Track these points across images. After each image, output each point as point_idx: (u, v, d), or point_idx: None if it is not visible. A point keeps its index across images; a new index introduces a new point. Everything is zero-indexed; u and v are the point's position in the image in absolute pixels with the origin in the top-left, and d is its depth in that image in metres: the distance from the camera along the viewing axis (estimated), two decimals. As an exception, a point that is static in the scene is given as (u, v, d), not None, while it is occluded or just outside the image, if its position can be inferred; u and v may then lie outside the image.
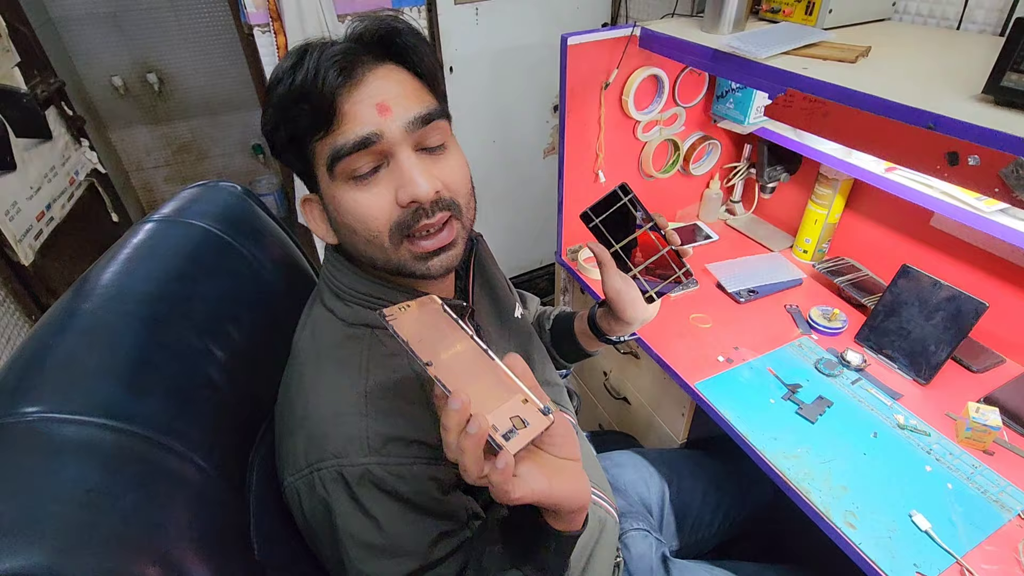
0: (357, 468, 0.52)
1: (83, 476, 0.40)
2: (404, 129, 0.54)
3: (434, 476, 0.55)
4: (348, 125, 0.52)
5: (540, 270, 2.42)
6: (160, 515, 0.42)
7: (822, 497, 0.88)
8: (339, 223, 0.58)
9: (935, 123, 0.69)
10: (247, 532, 0.52)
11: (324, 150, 0.54)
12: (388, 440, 0.53)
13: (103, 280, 0.54)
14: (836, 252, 1.41)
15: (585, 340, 0.88)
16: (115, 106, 2.45)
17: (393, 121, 0.53)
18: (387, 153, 0.54)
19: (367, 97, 0.53)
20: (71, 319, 0.50)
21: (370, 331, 0.60)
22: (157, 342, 0.52)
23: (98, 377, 0.46)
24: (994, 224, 0.94)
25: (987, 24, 1.00)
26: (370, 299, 0.61)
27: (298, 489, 0.54)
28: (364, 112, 0.53)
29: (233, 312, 0.63)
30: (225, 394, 0.56)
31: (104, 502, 0.39)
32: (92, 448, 0.42)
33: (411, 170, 0.54)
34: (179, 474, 0.46)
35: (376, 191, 0.55)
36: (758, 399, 1.05)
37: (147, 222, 0.64)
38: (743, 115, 1.34)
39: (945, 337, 1.05)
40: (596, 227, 0.70)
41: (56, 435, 0.41)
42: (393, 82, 0.55)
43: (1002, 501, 0.86)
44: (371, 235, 0.56)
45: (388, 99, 0.53)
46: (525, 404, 0.44)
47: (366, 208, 0.55)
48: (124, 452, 0.43)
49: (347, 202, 0.55)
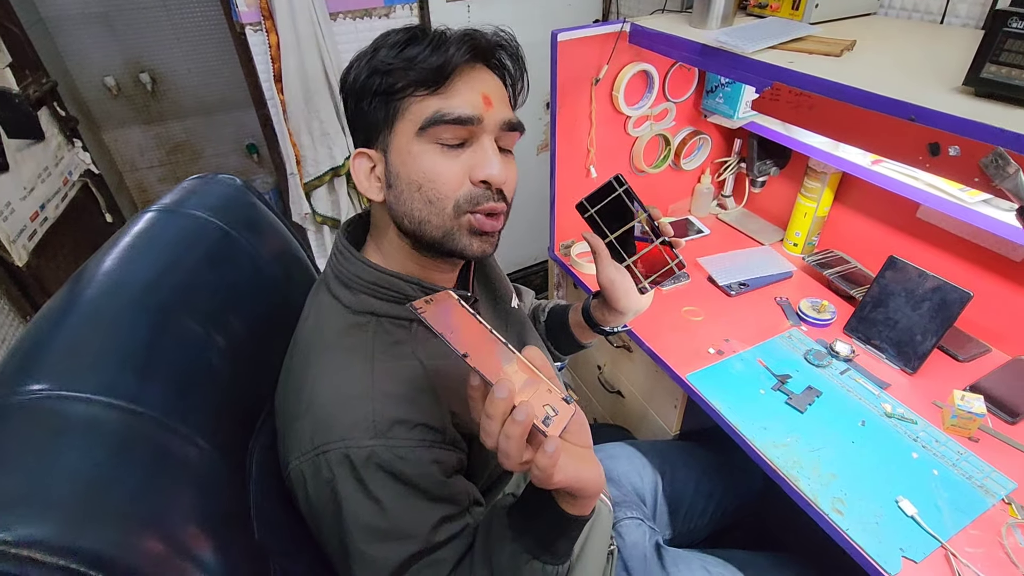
0: (363, 450, 0.53)
1: (91, 453, 0.41)
2: (497, 124, 0.60)
3: (437, 459, 0.57)
4: (456, 98, 0.58)
5: (534, 267, 2.43)
6: (165, 494, 0.43)
7: (811, 485, 0.89)
8: (404, 178, 0.59)
9: (916, 115, 0.70)
10: (247, 515, 0.53)
11: (422, 109, 0.58)
12: (393, 423, 0.55)
13: (104, 269, 0.55)
14: (825, 245, 1.43)
15: (579, 331, 0.90)
16: (108, 106, 2.44)
17: (491, 115, 0.60)
18: (475, 136, 0.60)
19: (477, 83, 0.60)
20: (73, 307, 0.51)
21: (375, 319, 0.62)
22: (159, 328, 0.53)
23: (103, 359, 0.47)
24: (978, 215, 0.96)
25: (970, 18, 1.01)
26: (376, 288, 0.62)
27: (303, 471, 0.55)
28: (471, 93, 0.59)
29: (234, 301, 0.64)
30: (227, 381, 0.57)
31: (111, 479, 0.40)
32: (99, 426, 0.43)
33: (493, 154, 0.60)
34: (183, 455, 0.47)
35: (456, 161, 0.59)
36: (749, 390, 1.07)
37: (147, 212, 0.64)
38: (733, 110, 1.36)
39: (931, 327, 1.06)
40: (591, 217, 0.71)
41: (64, 412, 0.42)
42: (495, 84, 0.63)
43: (986, 486, 0.88)
44: (436, 196, 0.59)
45: (491, 94, 0.60)
46: (550, 394, 0.46)
47: (444, 171, 0.58)
48: (130, 432, 0.44)
49: (426, 161, 0.58)
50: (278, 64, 1.50)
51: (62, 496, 0.38)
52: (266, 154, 2.71)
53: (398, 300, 0.62)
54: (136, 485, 0.41)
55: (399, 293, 0.62)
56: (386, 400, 0.56)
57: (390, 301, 0.62)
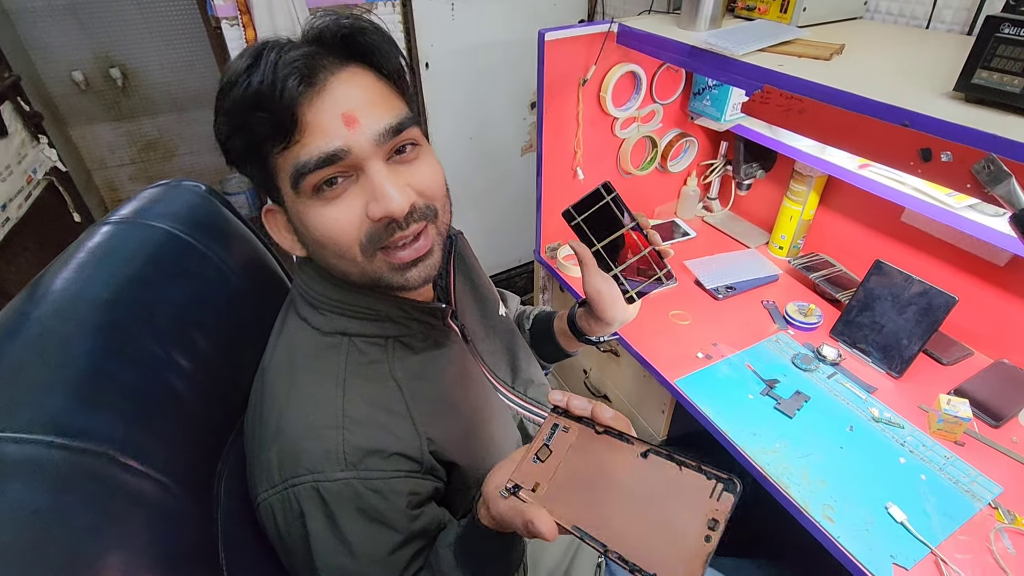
0: (335, 484, 0.50)
1: (27, 497, 0.37)
2: (374, 142, 0.50)
3: (413, 490, 0.54)
4: (311, 138, 0.48)
5: (519, 268, 2.41)
6: (116, 536, 0.40)
7: (801, 491, 0.89)
8: (307, 238, 0.54)
9: (910, 120, 0.69)
10: (214, 548, 0.50)
11: (286, 164, 0.50)
12: (366, 454, 0.52)
13: (54, 286, 0.51)
14: (811, 248, 1.43)
15: (565, 340, 0.87)
16: (76, 102, 2.35)
17: (361, 134, 0.49)
18: (356, 167, 0.50)
19: (331, 106, 0.49)
20: (18, 327, 0.46)
21: (347, 339, 0.58)
22: (113, 351, 0.49)
23: (47, 389, 0.43)
24: (963, 219, 0.96)
25: (955, 23, 1.02)
26: (345, 306, 0.59)
27: (272, 505, 0.52)
28: (329, 123, 0.48)
29: (198, 317, 0.59)
30: (189, 404, 0.53)
31: (53, 524, 0.37)
32: (38, 467, 0.39)
33: (383, 184, 0.50)
34: (137, 491, 0.43)
35: (344, 206, 0.51)
36: (737, 395, 1.06)
37: (103, 224, 0.60)
38: (720, 112, 1.35)
39: (917, 331, 1.07)
40: (578, 225, 0.69)
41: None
42: (358, 87, 0.51)
43: (973, 491, 0.88)
44: (341, 250, 0.52)
45: (354, 108, 0.49)
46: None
47: (334, 223, 0.51)
48: (74, 470, 0.40)
49: (314, 218, 0.51)
50: (255, 60, 1.45)
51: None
52: (243, 152, 2.63)
53: (371, 318, 0.59)
54: (82, 530, 0.38)
55: (370, 310, 0.59)
56: (358, 428, 0.52)
57: (362, 319, 0.59)
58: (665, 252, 0.68)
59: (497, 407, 0.70)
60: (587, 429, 0.47)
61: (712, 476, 0.40)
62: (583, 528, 0.41)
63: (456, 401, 0.63)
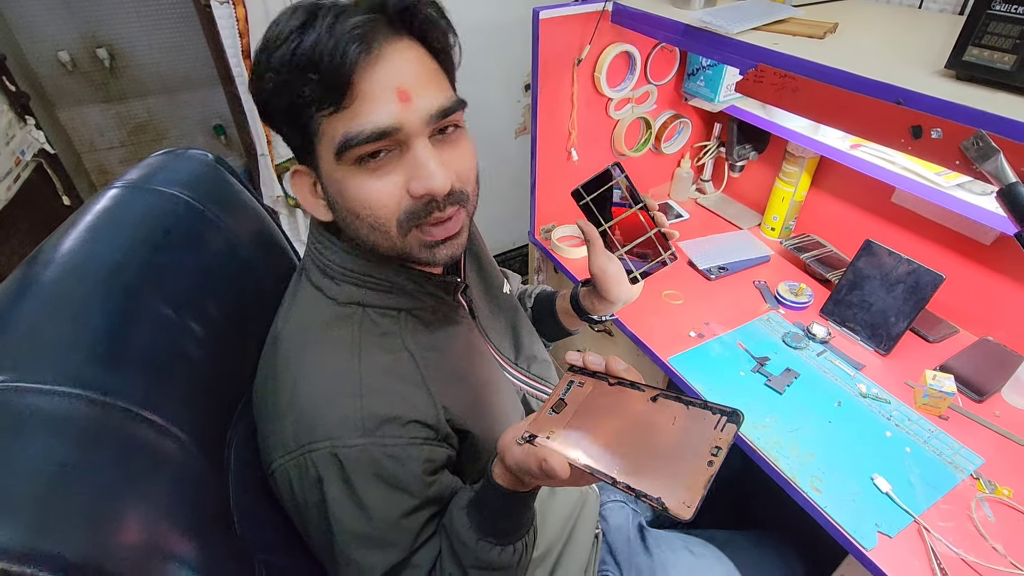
0: (352, 450, 0.51)
1: (55, 450, 0.37)
2: (424, 121, 0.50)
3: (429, 457, 0.55)
4: (364, 107, 0.48)
5: (513, 251, 2.42)
6: (140, 490, 0.40)
7: (790, 464, 0.91)
8: (341, 206, 0.54)
9: (903, 98, 0.70)
10: (227, 509, 0.51)
11: (333, 131, 0.50)
12: (383, 421, 0.53)
13: (63, 250, 0.51)
14: (802, 229, 1.44)
15: (566, 319, 0.89)
16: (63, 83, 2.31)
17: (414, 112, 0.49)
18: (402, 143, 0.51)
19: (386, 78, 0.49)
20: (30, 291, 0.47)
21: (362, 310, 0.59)
22: (128, 313, 0.49)
23: (67, 347, 0.43)
24: (952, 199, 0.98)
25: (947, 4, 1.02)
26: (361, 277, 0.59)
27: (288, 470, 0.53)
28: (382, 95, 0.48)
29: (209, 285, 0.60)
30: (202, 369, 0.54)
31: (80, 477, 0.37)
32: (65, 420, 0.39)
33: (428, 162, 0.50)
34: (158, 448, 0.44)
35: (387, 179, 0.51)
36: (728, 372, 1.08)
37: (110, 189, 0.59)
38: (714, 93, 1.35)
39: (904, 309, 1.09)
40: (587, 205, 0.70)
41: (24, 406, 0.39)
42: (412, 62, 0.51)
43: (956, 463, 0.91)
44: (377, 222, 0.53)
45: (408, 84, 0.49)
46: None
47: (376, 196, 0.51)
48: (99, 425, 0.41)
49: (353, 188, 0.51)
50: (247, 39, 1.43)
51: (22, 498, 0.35)
52: (235, 135, 2.61)
53: (385, 289, 0.60)
54: (106, 482, 0.39)
55: (387, 281, 0.59)
56: (375, 396, 0.53)
57: (377, 290, 0.59)
58: (670, 234, 0.70)
59: (502, 381, 0.71)
60: (601, 382, 0.49)
61: (717, 411, 0.43)
62: (593, 464, 0.43)
63: (465, 374, 0.64)
